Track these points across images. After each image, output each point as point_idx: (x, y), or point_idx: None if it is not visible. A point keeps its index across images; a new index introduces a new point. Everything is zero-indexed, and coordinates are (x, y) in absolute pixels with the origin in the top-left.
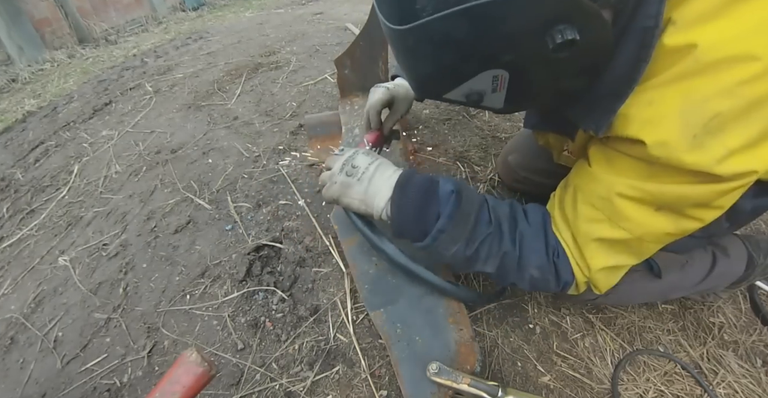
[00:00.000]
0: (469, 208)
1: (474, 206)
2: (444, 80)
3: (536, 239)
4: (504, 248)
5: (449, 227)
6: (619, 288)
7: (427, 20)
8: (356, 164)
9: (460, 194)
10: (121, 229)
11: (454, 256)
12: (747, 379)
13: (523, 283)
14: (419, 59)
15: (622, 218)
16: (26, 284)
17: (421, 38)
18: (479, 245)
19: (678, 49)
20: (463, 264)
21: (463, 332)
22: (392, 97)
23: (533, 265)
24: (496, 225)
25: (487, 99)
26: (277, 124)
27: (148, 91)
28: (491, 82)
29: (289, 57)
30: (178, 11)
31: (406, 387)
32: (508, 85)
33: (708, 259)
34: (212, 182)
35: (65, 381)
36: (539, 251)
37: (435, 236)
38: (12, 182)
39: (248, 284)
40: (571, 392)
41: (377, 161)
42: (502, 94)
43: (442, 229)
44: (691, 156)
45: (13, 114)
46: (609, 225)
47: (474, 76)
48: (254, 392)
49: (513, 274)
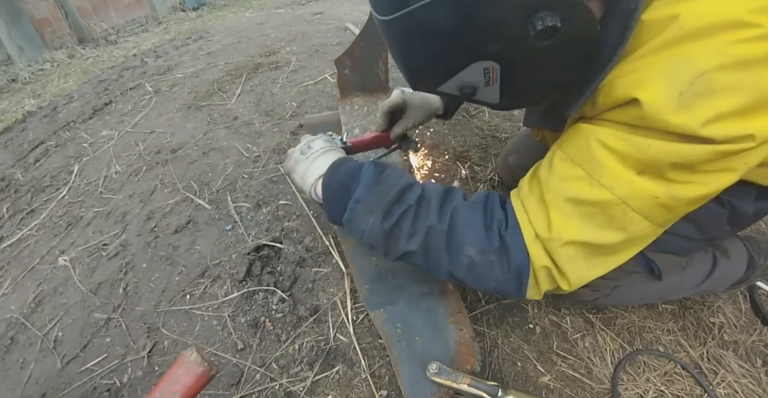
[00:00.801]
0: (392, 182)
1: (400, 181)
2: (435, 72)
3: (472, 213)
4: (429, 222)
5: (365, 196)
6: (618, 290)
7: (410, 9)
8: (312, 146)
9: (382, 168)
10: (121, 229)
11: (372, 231)
12: (747, 379)
13: (461, 270)
14: (408, 50)
15: (603, 171)
16: (26, 284)
17: (407, 28)
18: (399, 217)
19: (660, 21)
20: (384, 243)
21: (463, 332)
22: (404, 102)
23: (468, 242)
24: (422, 198)
25: (481, 93)
26: (277, 124)
27: (148, 91)
28: (483, 74)
29: (289, 57)
30: (178, 11)
31: (406, 387)
32: (500, 78)
33: (708, 261)
34: (212, 182)
35: (65, 381)
36: (475, 226)
37: (352, 207)
38: (12, 182)
39: (248, 284)
40: (571, 392)
41: (330, 148)
42: (496, 88)
43: (358, 199)
44: (676, 117)
45: (13, 114)
46: (588, 182)
47: (464, 68)
48: (254, 392)
49: (445, 257)
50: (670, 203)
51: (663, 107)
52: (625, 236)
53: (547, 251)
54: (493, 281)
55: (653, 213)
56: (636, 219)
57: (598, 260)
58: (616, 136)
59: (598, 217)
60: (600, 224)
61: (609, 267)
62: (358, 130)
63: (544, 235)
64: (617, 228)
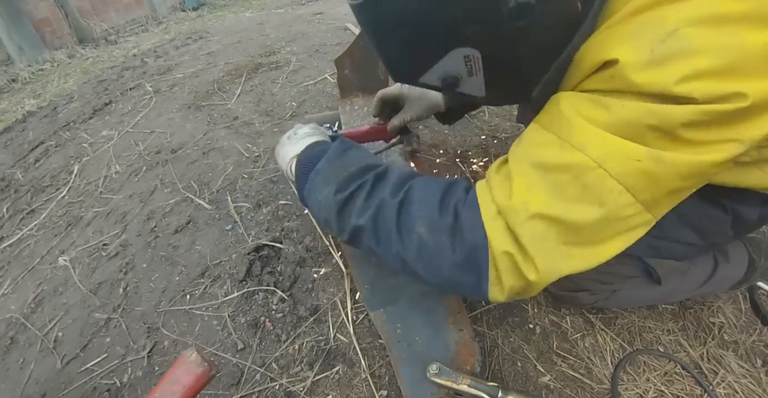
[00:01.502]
0: (355, 158)
1: (364, 160)
2: (412, 60)
3: (430, 189)
4: (382, 195)
5: (325, 167)
6: (618, 294)
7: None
8: (297, 132)
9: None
10: (121, 229)
11: (326, 203)
12: (747, 379)
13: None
14: (382, 37)
15: (573, 130)
16: (26, 284)
17: (377, 13)
18: (354, 191)
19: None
20: (337, 217)
21: (463, 332)
22: (400, 94)
23: (420, 218)
24: (382, 176)
25: (465, 84)
26: (277, 124)
27: (148, 91)
28: (464, 63)
29: (289, 57)
30: (178, 11)
31: (406, 387)
32: (483, 68)
33: (709, 264)
34: (212, 182)
35: (65, 381)
36: (430, 202)
37: (312, 178)
38: (12, 182)
39: (248, 284)
40: (571, 392)
41: (314, 133)
42: (480, 79)
43: (318, 169)
44: (646, 74)
45: (13, 114)
46: (558, 146)
47: (442, 56)
48: (254, 392)
49: (395, 236)
50: (655, 171)
51: (632, 66)
52: (604, 213)
53: (509, 227)
54: (445, 269)
55: (636, 183)
56: (616, 189)
57: (574, 249)
58: (589, 99)
59: (570, 187)
60: (573, 196)
61: (589, 262)
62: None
63: (505, 203)
64: (593, 202)
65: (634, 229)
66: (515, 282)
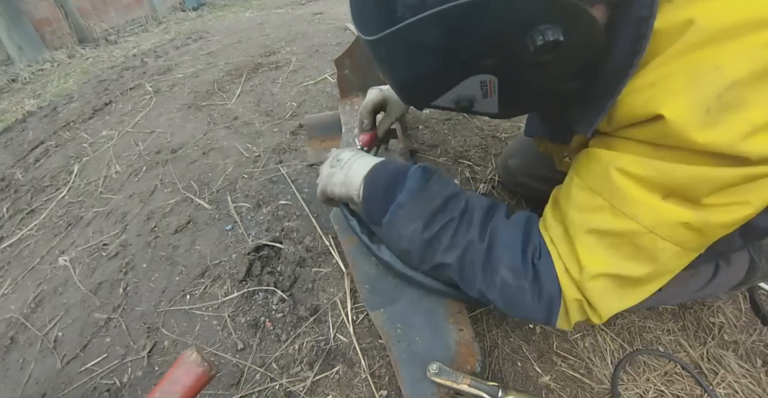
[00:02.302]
0: (438, 189)
1: (446, 190)
2: (427, 88)
3: (512, 234)
4: (470, 237)
5: (409, 201)
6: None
7: (398, 28)
8: (340, 157)
9: (429, 173)
10: (121, 229)
11: (411, 238)
12: (747, 379)
13: (493, 291)
14: (396, 69)
15: (625, 200)
16: (26, 284)
17: (393, 47)
18: (441, 229)
19: (674, 26)
20: (421, 252)
21: (464, 332)
22: (384, 99)
23: (504, 264)
24: (466, 211)
25: (479, 104)
26: (277, 124)
27: (148, 91)
28: (479, 88)
29: (289, 57)
30: (178, 11)
31: (406, 387)
32: (498, 91)
33: (710, 269)
34: (212, 182)
35: (65, 381)
36: (513, 248)
37: (394, 210)
38: (12, 182)
39: (248, 284)
40: (571, 392)
41: (360, 153)
42: (495, 100)
43: (401, 203)
44: (705, 134)
45: (13, 114)
46: (610, 212)
47: (458, 83)
48: (254, 392)
49: (479, 275)
50: (702, 228)
51: (689, 124)
52: (656, 267)
53: (577, 285)
54: (523, 307)
55: (684, 239)
56: (666, 248)
57: (627, 291)
58: (637, 161)
59: (624, 248)
60: (627, 255)
61: (639, 298)
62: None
63: (573, 272)
64: (646, 259)
65: (680, 267)
66: (579, 318)
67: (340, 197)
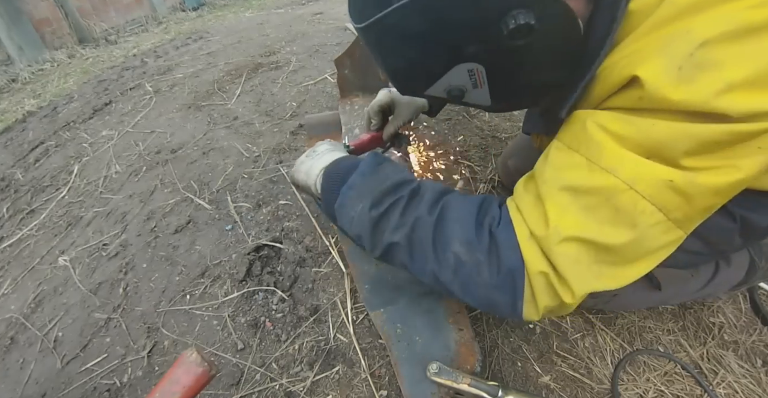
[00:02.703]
0: (390, 173)
1: (397, 174)
2: (418, 76)
3: (466, 208)
4: (418, 213)
5: (359, 182)
6: (617, 298)
7: (381, 15)
8: (316, 149)
9: (381, 158)
10: (121, 229)
11: (360, 218)
12: (747, 379)
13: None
14: (387, 56)
15: (603, 153)
16: (26, 284)
17: (382, 34)
18: (389, 207)
19: (648, 6)
20: (371, 233)
21: (463, 332)
22: (392, 101)
23: (456, 237)
24: (417, 192)
25: (470, 95)
26: (277, 124)
27: (148, 91)
28: (468, 77)
29: (289, 57)
30: (178, 11)
31: (406, 387)
32: (487, 80)
33: (710, 269)
34: (212, 182)
35: (65, 381)
36: (466, 220)
37: (344, 193)
38: (12, 182)
39: (248, 284)
40: (571, 392)
41: (335, 149)
42: (485, 90)
43: (351, 184)
44: (678, 92)
45: (13, 114)
46: (587, 168)
47: (447, 71)
48: (254, 392)
49: (430, 253)
50: (688, 191)
51: (662, 83)
52: (636, 234)
53: (543, 251)
54: (481, 288)
55: (668, 202)
56: (648, 210)
57: (606, 269)
58: (616, 117)
59: (602, 209)
60: (605, 218)
61: (620, 282)
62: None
63: (540, 232)
64: (626, 224)
65: (666, 247)
66: (549, 302)
67: (303, 185)
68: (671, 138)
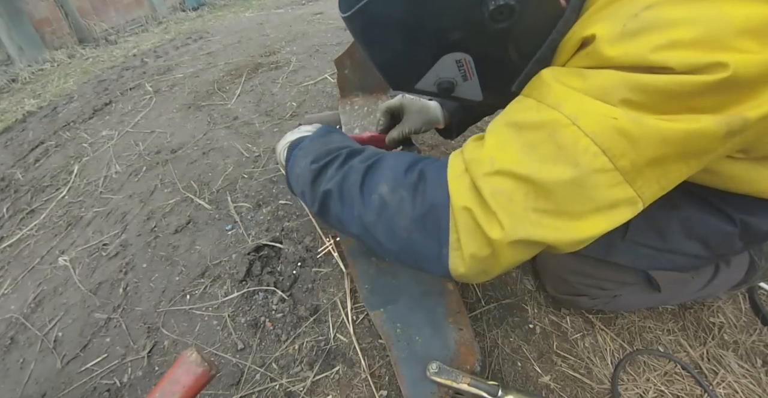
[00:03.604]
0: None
1: (345, 141)
2: (405, 67)
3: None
4: (353, 163)
5: (308, 144)
6: (617, 299)
7: (363, 4)
8: (300, 128)
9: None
10: (121, 229)
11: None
12: (747, 379)
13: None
14: (373, 47)
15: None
16: (26, 284)
17: (366, 23)
18: (329, 161)
19: None
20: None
21: (463, 332)
22: (401, 106)
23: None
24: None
25: (461, 89)
26: (277, 124)
27: (148, 91)
28: (457, 68)
29: (289, 57)
30: (178, 11)
31: (406, 386)
32: (476, 72)
33: (710, 269)
34: (212, 182)
35: (65, 381)
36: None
37: (295, 154)
38: (12, 182)
39: (248, 284)
40: (571, 392)
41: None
42: (475, 83)
43: (301, 146)
44: (617, 47)
45: (13, 114)
46: (535, 108)
47: (434, 61)
48: (254, 392)
49: (357, 198)
50: (633, 131)
51: (605, 40)
52: (577, 175)
53: (473, 181)
54: (404, 230)
55: (613, 145)
56: (591, 150)
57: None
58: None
59: (543, 146)
60: (545, 155)
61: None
62: (358, 130)
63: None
64: (566, 162)
65: (617, 207)
66: (477, 249)
67: (280, 163)
68: (615, 85)
